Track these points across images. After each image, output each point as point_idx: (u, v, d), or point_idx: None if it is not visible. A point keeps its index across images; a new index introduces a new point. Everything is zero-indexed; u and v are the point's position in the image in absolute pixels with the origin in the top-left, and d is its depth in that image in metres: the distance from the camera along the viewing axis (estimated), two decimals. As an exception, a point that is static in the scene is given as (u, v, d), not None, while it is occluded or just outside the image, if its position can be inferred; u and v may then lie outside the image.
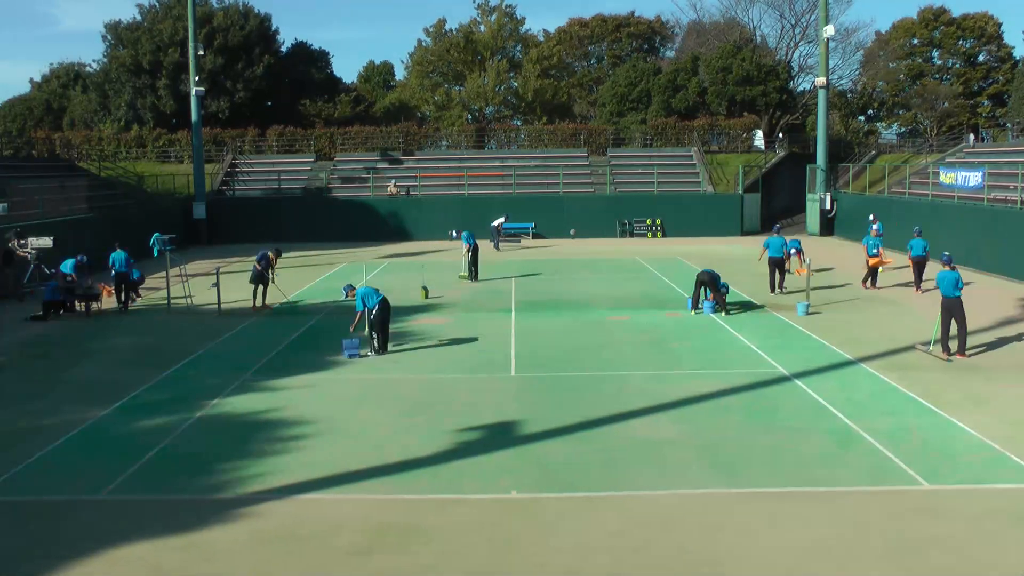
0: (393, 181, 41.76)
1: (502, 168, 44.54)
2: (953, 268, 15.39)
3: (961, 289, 15.16)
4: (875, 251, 23.27)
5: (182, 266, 23.70)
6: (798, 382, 13.73)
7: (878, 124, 68.02)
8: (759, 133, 51.02)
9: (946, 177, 31.80)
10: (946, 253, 16.04)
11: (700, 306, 19.99)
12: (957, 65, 63.47)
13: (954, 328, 15.18)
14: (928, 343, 15.69)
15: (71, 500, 9.41)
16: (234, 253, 33.96)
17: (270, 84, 52.09)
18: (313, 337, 17.94)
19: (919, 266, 22.67)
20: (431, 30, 63.02)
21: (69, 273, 21.44)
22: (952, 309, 15.12)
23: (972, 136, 53.70)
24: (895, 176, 38.67)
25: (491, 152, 49.17)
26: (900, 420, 11.74)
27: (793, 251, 23.65)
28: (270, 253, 21.31)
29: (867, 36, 64.30)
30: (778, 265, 22.38)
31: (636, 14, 69.82)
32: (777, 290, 22.35)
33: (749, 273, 26.45)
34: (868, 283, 23.31)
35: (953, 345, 15.16)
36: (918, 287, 22.61)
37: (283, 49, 55.53)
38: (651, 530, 8.47)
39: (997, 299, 21.19)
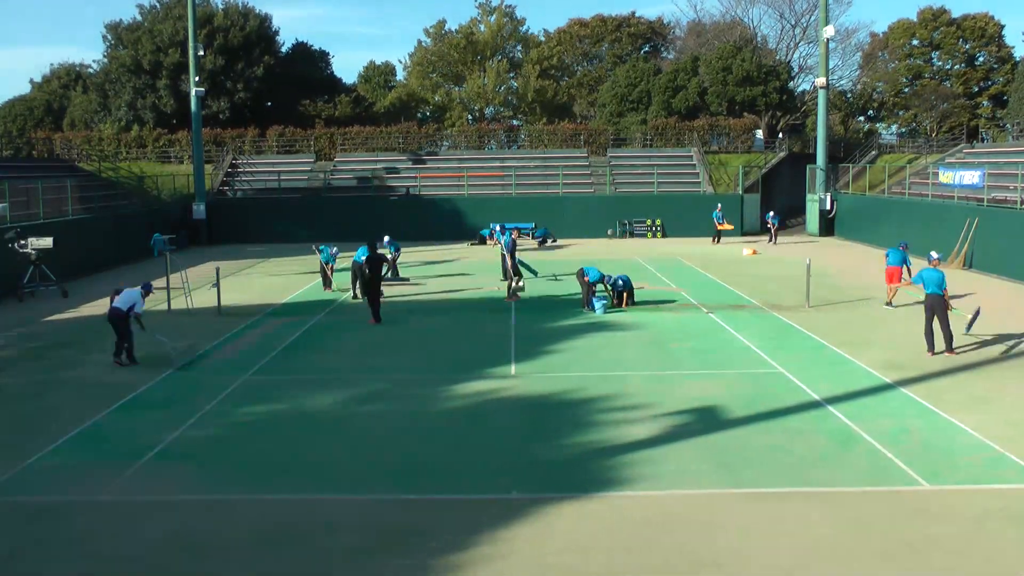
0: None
1: (502, 168, 44.56)
2: (938, 267, 15.86)
3: (944, 290, 15.40)
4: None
5: (184, 271, 23.65)
6: (798, 382, 13.72)
7: (878, 124, 68.05)
8: (759, 133, 51.03)
9: (945, 177, 31.83)
10: (936, 253, 16.75)
11: (590, 305, 20.01)
12: (957, 66, 63.47)
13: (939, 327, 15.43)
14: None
15: (71, 500, 9.41)
16: (236, 254, 33.96)
17: (270, 84, 52.10)
18: (312, 337, 17.94)
19: None
20: (431, 30, 63.08)
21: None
22: (935, 307, 15.35)
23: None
24: (895, 177, 38.67)
25: (491, 152, 49.19)
26: (900, 420, 11.73)
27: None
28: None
29: (867, 37, 64.42)
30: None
31: (636, 14, 69.90)
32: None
33: (750, 275, 26.45)
34: None
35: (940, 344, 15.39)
36: None
37: (283, 49, 55.56)
38: (651, 530, 8.47)
39: (997, 299, 21.21)
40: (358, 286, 21.82)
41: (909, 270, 20.16)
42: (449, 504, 9.18)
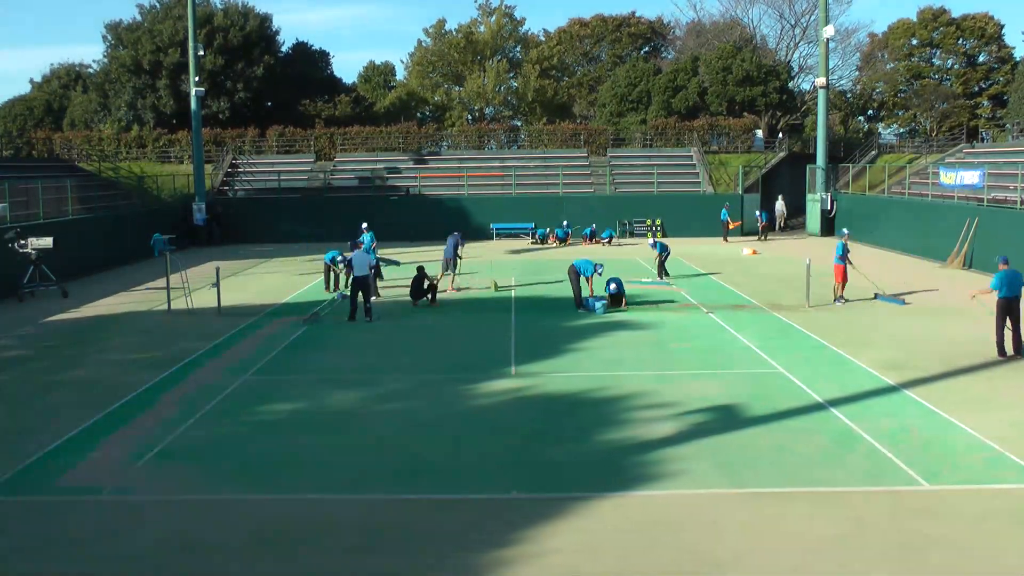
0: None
1: (502, 168, 44.55)
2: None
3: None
4: None
5: (184, 271, 23.65)
6: (798, 382, 13.72)
7: (878, 124, 68.06)
8: (759, 133, 51.05)
9: (944, 177, 31.82)
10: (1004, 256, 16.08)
11: (584, 304, 20.00)
12: (957, 66, 63.46)
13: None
14: None
15: (71, 500, 9.41)
16: (236, 254, 33.95)
17: (270, 84, 52.10)
18: (312, 337, 17.94)
19: None
20: (431, 30, 63.07)
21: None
22: (1012, 309, 15.08)
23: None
24: (895, 177, 38.66)
25: (491, 152, 49.19)
26: (900, 420, 11.73)
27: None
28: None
29: (866, 37, 64.45)
30: None
31: (636, 14, 69.90)
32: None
33: (750, 275, 26.45)
34: None
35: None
36: None
37: (283, 49, 55.56)
38: (652, 530, 8.47)
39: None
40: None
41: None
42: (449, 504, 9.18)
